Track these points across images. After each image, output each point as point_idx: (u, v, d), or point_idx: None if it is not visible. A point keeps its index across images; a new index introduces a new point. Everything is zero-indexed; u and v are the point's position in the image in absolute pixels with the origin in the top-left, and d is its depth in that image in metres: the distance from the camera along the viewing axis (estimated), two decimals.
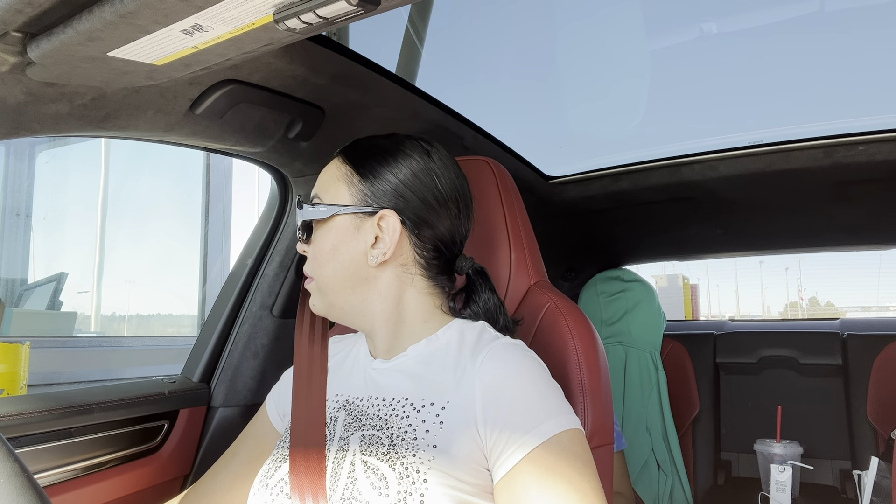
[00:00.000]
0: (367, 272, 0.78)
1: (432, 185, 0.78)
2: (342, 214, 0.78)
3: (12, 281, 2.72)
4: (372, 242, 0.77)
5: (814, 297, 50.09)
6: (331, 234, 0.79)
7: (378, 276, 0.78)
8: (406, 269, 0.79)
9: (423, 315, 0.80)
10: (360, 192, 0.78)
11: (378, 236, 0.77)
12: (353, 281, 0.78)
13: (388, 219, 0.76)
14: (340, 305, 0.80)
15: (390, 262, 0.78)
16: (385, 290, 0.79)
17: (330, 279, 0.79)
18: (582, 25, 2.10)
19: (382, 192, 0.77)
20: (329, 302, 0.81)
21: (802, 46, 1.99)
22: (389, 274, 0.78)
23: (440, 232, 0.79)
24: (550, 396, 0.71)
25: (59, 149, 2.83)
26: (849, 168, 1.52)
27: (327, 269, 0.79)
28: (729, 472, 2.22)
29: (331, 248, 0.78)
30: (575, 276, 2.44)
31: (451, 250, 0.81)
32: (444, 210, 0.79)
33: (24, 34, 0.63)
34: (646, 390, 2.12)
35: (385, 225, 0.76)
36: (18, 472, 0.31)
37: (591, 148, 2.09)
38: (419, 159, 0.79)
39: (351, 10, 0.54)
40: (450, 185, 0.80)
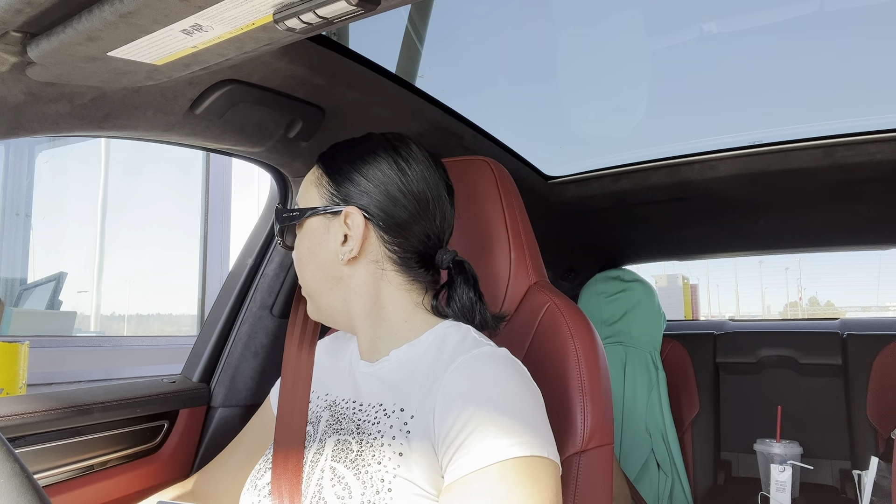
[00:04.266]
0: (341, 271, 0.79)
1: (398, 181, 0.78)
2: (313, 217, 0.80)
3: (12, 280, 2.72)
4: (342, 241, 0.78)
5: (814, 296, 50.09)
6: (305, 237, 0.81)
7: (352, 274, 0.79)
8: (378, 264, 0.79)
9: (403, 314, 0.80)
10: (327, 194, 0.80)
11: (347, 234, 0.78)
12: (331, 281, 0.80)
13: (352, 216, 0.77)
14: (325, 307, 0.82)
15: (361, 259, 0.79)
16: (360, 287, 0.79)
17: (311, 282, 0.82)
18: (582, 25, 2.10)
19: (347, 192, 0.79)
20: (316, 305, 0.83)
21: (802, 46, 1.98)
22: (362, 271, 0.79)
23: (411, 228, 0.79)
24: (515, 416, 0.66)
25: (59, 149, 2.83)
26: (849, 168, 1.52)
27: (307, 272, 0.82)
28: (729, 472, 2.22)
29: (307, 250, 0.81)
30: (575, 276, 2.44)
31: (426, 244, 0.81)
32: (413, 206, 0.79)
33: (24, 34, 0.63)
34: (646, 390, 2.12)
35: (351, 222, 0.78)
36: (18, 472, 0.31)
37: (591, 148, 2.09)
38: (385, 156, 0.79)
39: (351, 10, 0.54)
40: (418, 179, 0.79)
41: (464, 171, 1.03)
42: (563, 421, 0.84)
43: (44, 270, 2.81)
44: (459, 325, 0.80)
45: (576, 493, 0.82)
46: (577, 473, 0.82)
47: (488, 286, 0.99)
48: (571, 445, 0.83)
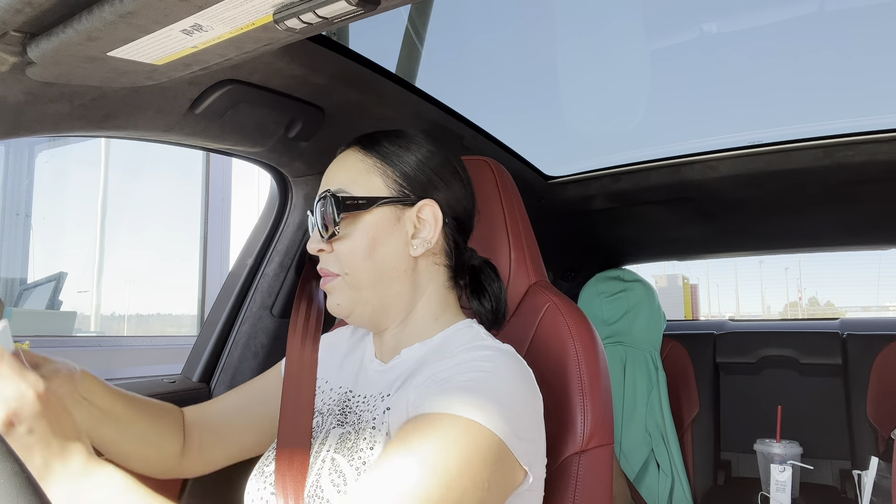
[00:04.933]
0: (408, 263, 0.77)
1: (457, 176, 0.80)
2: (381, 206, 0.75)
3: (12, 280, 2.72)
4: (412, 233, 0.76)
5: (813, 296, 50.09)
6: (368, 228, 0.75)
7: (415, 268, 0.78)
8: (435, 258, 0.79)
9: (436, 312, 0.80)
10: (395, 183, 0.76)
11: (416, 227, 0.76)
12: (394, 274, 0.76)
13: (430, 208, 0.76)
14: (373, 302, 0.77)
15: (426, 254, 0.78)
16: (419, 282, 0.78)
17: (366, 274, 0.76)
18: (582, 25, 2.10)
19: (418, 183, 0.77)
20: (361, 299, 0.77)
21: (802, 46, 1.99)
22: (424, 266, 0.78)
23: (469, 223, 0.81)
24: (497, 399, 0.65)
25: (59, 148, 2.83)
26: (849, 168, 1.52)
27: (365, 264, 0.75)
28: (729, 472, 2.22)
29: (370, 242, 0.75)
30: (575, 276, 2.44)
31: (466, 239, 0.82)
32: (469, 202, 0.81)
33: (24, 34, 0.63)
34: (646, 390, 2.12)
35: (425, 215, 0.76)
36: (18, 472, 0.31)
37: (591, 148, 2.09)
38: (440, 152, 0.80)
39: (351, 10, 0.54)
40: (468, 179, 0.83)
41: None
42: (563, 421, 0.84)
43: (44, 270, 2.80)
44: (472, 325, 0.80)
45: (576, 493, 0.82)
46: (577, 473, 0.82)
47: None
48: (571, 445, 0.83)
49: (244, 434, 0.91)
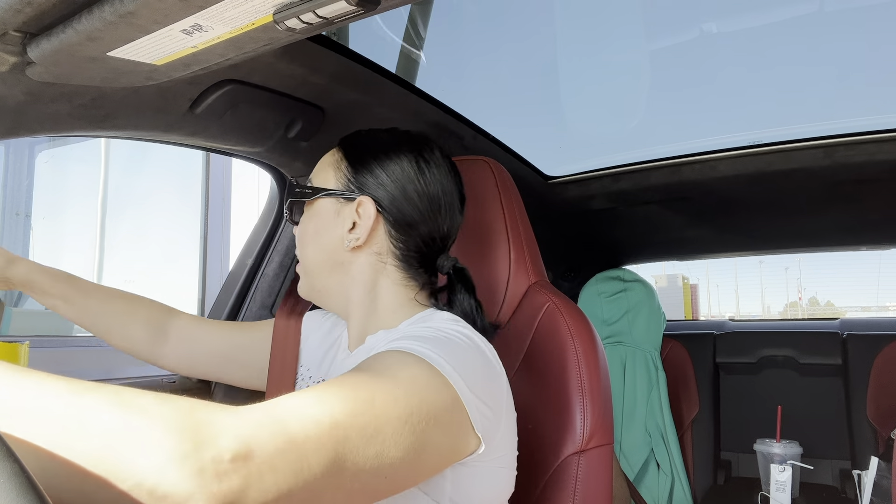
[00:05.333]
0: (343, 256, 0.80)
1: (416, 180, 0.79)
2: (325, 198, 0.81)
3: None
4: (349, 227, 0.79)
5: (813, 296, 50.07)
6: (315, 216, 0.82)
7: (353, 261, 0.80)
8: (380, 257, 0.80)
9: (394, 306, 0.81)
10: (344, 179, 0.81)
11: (356, 222, 0.79)
12: (331, 264, 0.81)
13: (365, 205, 0.78)
14: (319, 288, 0.84)
15: (365, 249, 0.80)
16: (359, 275, 0.80)
17: (311, 261, 0.83)
18: (582, 25, 2.10)
19: (365, 181, 0.79)
20: (311, 284, 0.84)
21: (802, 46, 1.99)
22: (364, 260, 0.80)
23: (419, 228, 0.80)
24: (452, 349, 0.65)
25: (59, 148, 2.83)
26: (849, 168, 1.52)
27: (308, 250, 0.83)
28: (729, 471, 2.22)
29: (313, 229, 0.82)
30: (575, 276, 2.44)
31: (430, 246, 0.82)
32: (426, 207, 0.80)
33: (23, 34, 0.63)
34: (646, 390, 2.12)
35: (362, 211, 0.78)
36: (18, 472, 0.31)
37: (591, 148, 2.09)
38: (409, 155, 0.80)
39: (351, 10, 0.54)
40: (436, 183, 0.80)
41: (464, 171, 1.03)
42: (562, 421, 0.84)
43: None
44: (436, 311, 0.80)
45: (575, 493, 0.82)
46: (577, 473, 0.83)
47: (488, 286, 0.99)
48: (571, 445, 0.83)
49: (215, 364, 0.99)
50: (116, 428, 0.41)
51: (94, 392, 0.42)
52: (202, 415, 0.44)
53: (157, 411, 0.42)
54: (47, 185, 2.82)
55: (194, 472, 0.41)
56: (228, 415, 0.45)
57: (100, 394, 0.42)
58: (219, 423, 0.44)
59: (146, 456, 0.40)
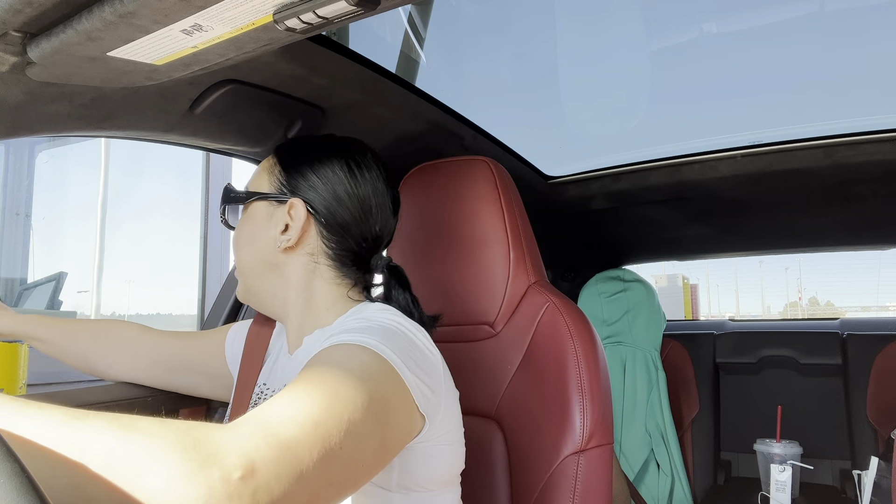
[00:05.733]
0: (276, 258, 0.82)
1: (347, 183, 0.81)
2: (258, 201, 0.83)
3: (12, 280, 2.72)
4: (282, 229, 0.80)
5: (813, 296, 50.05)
6: (248, 220, 0.84)
7: (286, 262, 0.82)
8: (312, 257, 0.81)
9: (328, 303, 0.82)
10: (277, 182, 0.83)
11: (288, 224, 0.80)
12: (265, 266, 0.83)
13: (296, 207, 0.80)
14: (255, 291, 0.85)
15: (297, 250, 0.81)
16: (293, 276, 0.82)
17: (245, 264, 0.84)
18: (582, 25, 2.10)
19: (297, 184, 0.81)
20: (247, 286, 0.86)
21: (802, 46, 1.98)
22: (297, 261, 0.81)
23: (350, 229, 0.82)
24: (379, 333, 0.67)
25: (59, 148, 2.82)
26: (849, 168, 1.52)
27: (243, 253, 0.84)
28: (729, 472, 2.22)
29: (247, 233, 0.84)
30: (575, 276, 2.44)
31: (363, 247, 0.83)
32: (356, 208, 0.82)
33: (23, 34, 0.63)
34: (646, 390, 2.12)
35: (294, 213, 0.80)
36: (18, 472, 0.31)
37: (591, 148, 2.09)
38: (341, 158, 0.83)
39: (351, 10, 0.54)
40: (367, 185, 0.83)
41: (463, 171, 1.03)
42: (562, 421, 0.84)
43: (44, 270, 2.80)
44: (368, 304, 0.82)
45: (575, 493, 0.82)
46: (577, 473, 0.83)
47: (488, 286, 0.99)
48: (571, 445, 0.83)
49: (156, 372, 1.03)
50: (118, 450, 0.42)
51: (93, 418, 0.43)
52: (200, 433, 0.45)
53: (156, 432, 0.43)
54: (47, 185, 2.82)
55: (204, 491, 0.42)
56: (225, 432, 0.47)
57: (99, 419, 0.43)
58: (218, 440, 0.45)
59: (151, 476, 0.41)
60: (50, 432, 0.41)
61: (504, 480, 0.93)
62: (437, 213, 1.05)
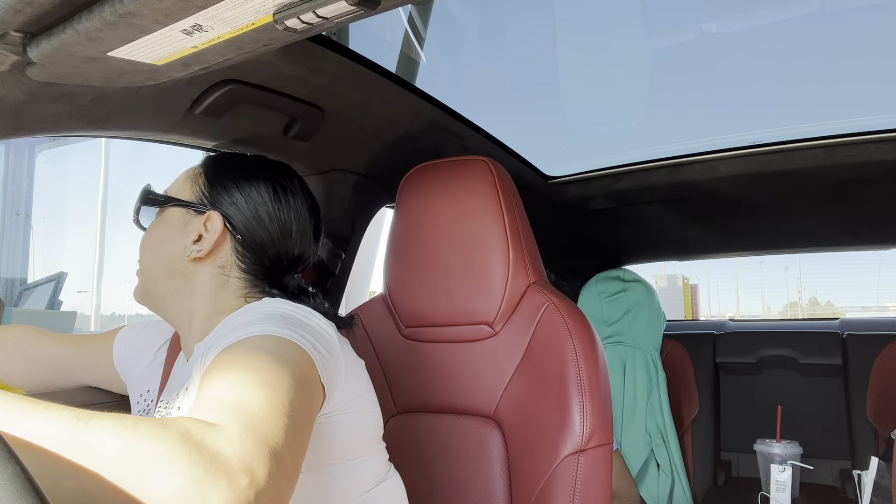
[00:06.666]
0: (184, 266, 0.81)
1: (269, 205, 0.82)
2: (176, 207, 0.82)
3: (12, 280, 2.72)
4: (195, 239, 0.80)
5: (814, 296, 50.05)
6: (160, 224, 0.83)
7: (194, 271, 0.81)
8: (223, 270, 0.81)
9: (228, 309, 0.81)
10: (199, 192, 0.82)
11: (202, 235, 0.80)
12: (170, 272, 0.81)
13: (213, 220, 0.80)
14: (154, 294, 0.84)
15: (207, 261, 0.81)
16: (199, 286, 0.81)
17: (149, 266, 0.83)
18: (582, 25, 2.10)
19: (219, 198, 0.81)
20: (146, 289, 0.84)
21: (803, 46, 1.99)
22: (205, 272, 0.81)
23: (266, 249, 0.82)
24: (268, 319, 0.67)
25: (59, 148, 2.82)
26: (849, 168, 1.52)
27: (148, 256, 0.83)
28: (729, 472, 2.22)
29: (157, 236, 0.83)
30: (575, 276, 2.44)
31: (277, 266, 0.83)
32: (276, 230, 0.82)
33: (24, 34, 0.63)
34: (646, 390, 2.12)
35: (210, 225, 0.80)
36: (19, 473, 0.31)
37: (591, 148, 2.09)
38: (268, 181, 0.83)
39: (351, 10, 0.54)
40: (290, 210, 0.83)
41: (463, 171, 1.03)
42: (562, 420, 0.84)
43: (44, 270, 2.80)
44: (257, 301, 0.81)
45: (575, 493, 0.82)
46: (577, 473, 0.83)
47: (487, 286, 0.99)
48: (571, 445, 0.83)
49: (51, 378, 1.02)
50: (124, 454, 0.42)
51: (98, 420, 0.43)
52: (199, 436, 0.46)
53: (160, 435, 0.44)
54: (47, 185, 2.82)
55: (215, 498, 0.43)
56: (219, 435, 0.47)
57: (104, 421, 0.44)
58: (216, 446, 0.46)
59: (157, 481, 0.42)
60: (57, 434, 0.41)
61: (504, 480, 0.93)
62: (436, 213, 1.04)
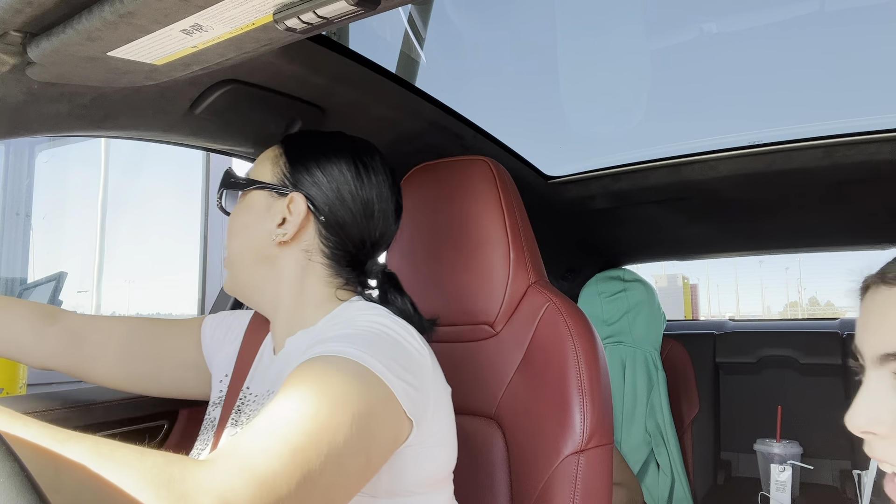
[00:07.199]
0: (270, 251, 0.79)
1: (352, 184, 0.80)
2: (258, 191, 0.81)
3: (12, 280, 2.72)
4: (279, 222, 0.78)
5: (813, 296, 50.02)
6: (244, 209, 0.82)
7: (279, 255, 0.80)
8: (307, 254, 0.80)
9: (317, 301, 0.80)
10: (280, 174, 0.80)
11: (286, 218, 0.79)
12: (257, 257, 0.80)
13: (297, 202, 0.78)
14: (243, 282, 0.83)
15: (292, 245, 0.79)
16: (286, 271, 0.80)
17: (236, 253, 0.82)
18: (582, 25, 2.10)
19: (301, 179, 0.79)
20: (234, 277, 0.83)
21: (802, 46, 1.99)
22: (291, 256, 0.80)
23: (349, 230, 0.80)
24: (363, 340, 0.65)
25: (59, 148, 2.82)
26: (849, 168, 1.52)
27: (235, 242, 0.82)
28: (729, 472, 2.22)
29: (242, 223, 0.81)
30: (575, 276, 2.44)
31: (361, 250, 0.82)
32: (359, 211, 0.80)
33: (24, 34, 0.63)
34: (646, 390, 2.12)
35: (294, 208, 0.78)
36: (18, 472, 0.31)
37: (591, 148, 2.09)
38: (349, 158, 0.81)
39: (351, 10, 0.54)
40: (372, 189, 0.81)
41: (464, 171, 1.03)
42: (562, 421, 0.84)
43: (44, 270, 2.80)
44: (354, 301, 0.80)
45: (575, 493, 0.82)
46: (577, 473, 0.83)
47: (488, 286, 0.99)
48: (571, 445, 0.83)
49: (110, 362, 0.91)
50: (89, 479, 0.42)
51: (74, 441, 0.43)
52: (176, 469, 0.45)
53: (132, 464, 0.43)
54: (47, 185, 2.82)
55: None
56: (201, 470, 0.46)
57: (80, 443, 0.43)
58: (193, 479, 0.45)
59: None
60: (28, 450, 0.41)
61: (504, 480, 0.93)
62: (437, 213, 1.05)
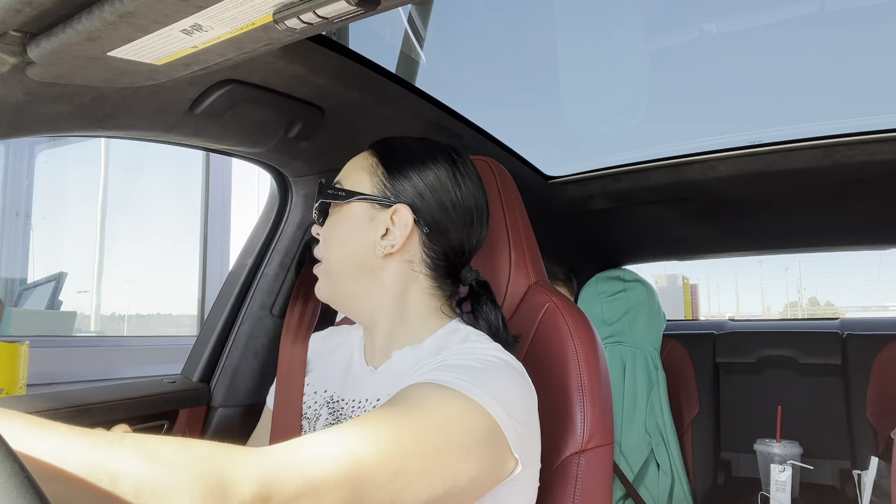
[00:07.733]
0: (374, 262, 0.79)
1: (453, 193, 0.79)
2: (359, 202, 0.79)
3: (12, 280, 2.72)
4: (382, 234, 0.78)
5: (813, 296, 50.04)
6: (345, 219, 0.80)
7: (384, 267, 0.79)
8: (412, 265, 0.79)
9: (422, 315, 0.80)
10: (380, 184, 0.79)
11: (389, 229, 0.78)
12: (359, 269, 0.79)
13: (401, 213, 0.77)
14: (343, 291, 0.82)
15: (397, 257, 0.79)
16: (389, 282, 0.79)
17: (337, 263, 0.80)
18: (582, 25, 2.10)
19: (402, 189, 0.78)
20: (333, 286, 0.82)
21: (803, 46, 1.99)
22: (395, 268, 0.79)
23: (451, 238, 0.80)
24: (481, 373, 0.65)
25: (59, 148, 2.82)
26: (849, 168, 1.52)
27: (335, 252, 0.80)
28: (729, 472, 2.22)
29: (343, 233, 0.80)
30: (575, 276, 2.44)
31: (459, 258, 0.82)
32: (459, 218, 0.80)
33: (24, 34, 0.63)
34: (646, 390, 2.12)
35: (398, 219, 0.77)
36: (18, 472, 0.31)
37: (591, 148, 2.09)
38: (445, 165, 0.80)
39: (351, 10, 0.54)
40: (469, 196, 0.81)
41: None
42: (562, 421, 0.84)
43: (44, 270, 2.80)
44: (459, 326, 0.80)
45: (576, 493, 0.82)
46: (577, 473, 0.82)
47: None
48: (571, 445, 0.83)
49: None
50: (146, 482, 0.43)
51: (118, 445, 0.44)
52: (224, 460, 0.46)
53: (182, 463, 0.44)
54: (47, 185, 2.82)
55: None
56: (251, 457, 0.48)
57: (125, 448, 0.44)
58: (241, 468, 0.46)
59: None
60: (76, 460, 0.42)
61: None
62: None
